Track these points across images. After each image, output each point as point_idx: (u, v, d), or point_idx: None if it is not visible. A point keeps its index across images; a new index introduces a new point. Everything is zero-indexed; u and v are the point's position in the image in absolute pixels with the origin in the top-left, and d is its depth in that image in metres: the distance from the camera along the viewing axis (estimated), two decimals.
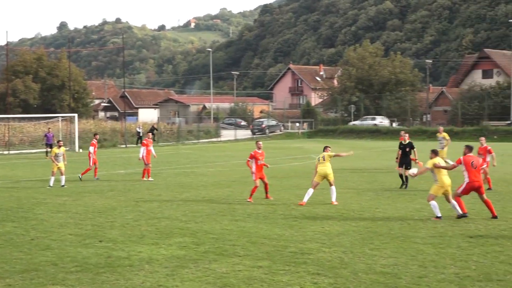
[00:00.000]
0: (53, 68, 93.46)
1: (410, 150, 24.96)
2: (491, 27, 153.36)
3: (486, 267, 11.72)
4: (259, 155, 20.93)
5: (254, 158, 20.91)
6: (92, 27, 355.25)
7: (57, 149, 26.74)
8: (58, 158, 26.33)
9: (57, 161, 26.23)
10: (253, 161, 20.86)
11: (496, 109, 75.39)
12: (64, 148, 27.62)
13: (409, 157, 24.88)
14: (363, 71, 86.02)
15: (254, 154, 20.91)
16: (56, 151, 26.56)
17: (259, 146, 21.15)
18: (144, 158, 28.50)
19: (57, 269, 11.84)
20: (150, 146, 29.02)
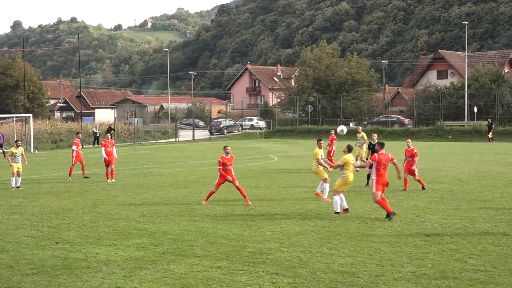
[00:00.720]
0: (7, 68, 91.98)
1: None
2: (445, 29, 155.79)
3: (442, 265, 11.90)
4: (227, 161, 20.18)
5: (223, 165, 20.13)
6: (47, 26, 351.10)
7: (15, 148, 26.18)
8: (16, 158, 25.82)
9: (14, 161, 25.71)
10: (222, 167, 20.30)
11: (451, 109, 76.45)
12: (22, 148, 26.91)
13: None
14: (320, 72, 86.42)
15: (222, 160, 20.14)
16: (13, 151, 26.03)
17: (227, 151, 20.25)
18: (104, 160, 28.14)
19: (12, 271, 11.67)
20: (109, 147, 28.39)
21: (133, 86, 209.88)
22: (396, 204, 19.80)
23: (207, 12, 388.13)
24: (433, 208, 18.66)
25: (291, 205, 19.89)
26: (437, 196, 21.51)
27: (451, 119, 74.07)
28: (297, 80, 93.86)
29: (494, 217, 17.32)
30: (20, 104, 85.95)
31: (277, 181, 27.09)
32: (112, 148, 28.42)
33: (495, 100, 71.06)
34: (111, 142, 28.89)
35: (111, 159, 28.05)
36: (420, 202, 20.14)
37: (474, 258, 12.45)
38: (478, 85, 76.09)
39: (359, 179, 25.79)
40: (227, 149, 20.42)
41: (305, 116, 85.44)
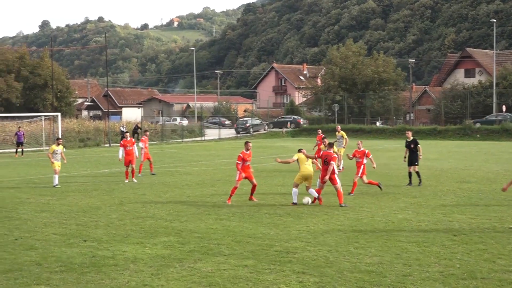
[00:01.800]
0: (35, 67, 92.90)
1: (415, 146, 25.02)
2: (473, 27, 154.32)
3: (470, 265, 11.80)
4: (247, 156, 20.41)
5: (242, 160, 20.33)
6: (75, 25, 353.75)
7: (56, 146, 26.07)
8: (56, 156, 25.74)
9: (54, 159, 25.63)
10: (242, 163, 20.36)
11: (479, 108, 75.80)
12: (62, 146, 26.80)
13: (416, 154, 24.93)
14: (347, 70, 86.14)
15: (242, 156, 20.31)
16: (54, 148, 25.90)
17: (248, 148, 20.49)
18: (122, 159, 27.69)
19: (41, 269, 11.79)
20: (129, 146, 27.85)
21: (160, 85, 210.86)
22: (424, 203, 19.67)
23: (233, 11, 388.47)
24: (461, 207, 18.51)
25: (318, 204, 19.83)
26: (465, 196, 21.33)
27: (479, 118, 73.38)
28: (323, 78, 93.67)
29: None
30: (48, 103, 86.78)
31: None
32: (132, 147, 27.93)
33: None
34: (131, 140, 28.35)
35: (131, 158, 27.64)
36: (448, 202, 19.98)
37: (503, 258, 12.33)
38: (506, 83, 75.35)
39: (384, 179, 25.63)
40: (249, 145, 20.68)
41: (331, 115, 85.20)
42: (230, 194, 20.51)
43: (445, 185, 24.19)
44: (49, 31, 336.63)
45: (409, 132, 25.96)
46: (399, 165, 33.94)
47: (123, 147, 27.85)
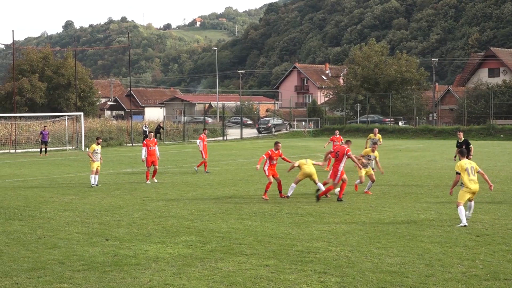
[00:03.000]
0: (59, 67, 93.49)
1: (467, 147, 24.94)
2: (497, 26, 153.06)
3: (493, 266, 11.70)
4: (275, 155, 21.33)
5: (269, 157, 21.18)
6: (98, 26, 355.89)
7: (96, 145, 25.94)
8: (97, 155, 25.66)
9: (95, 158, 25.55)
10: (267, 160, 21.16)
11: (503, 107, 75.21)
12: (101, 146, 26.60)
13: (468, 154, 24.79)
14: (369, 70, 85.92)
15: (270, 153, 21.24)
16: (94, 148, 25.78)
17: (277, 147, 21.39)
18: (145, 160, 27.18)
19: (64, 267, 11.87)
20: (152, 146, 27.36)
21: (182, 84, 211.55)
22: (446, 204, 19.54)
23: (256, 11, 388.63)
24: (484, 208, 18.37)
25: (339, 204, 19.81)
26: (488, 196, 21.15)
27: (503, 117, 72.80)
28: (345, 78, 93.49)
29: None
30: (72, 103, 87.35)
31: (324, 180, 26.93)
32: (155, 147, 27.46)
33: None
34: (154, 141, 27.75)
35: (154, 158, 27.18)
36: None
37: None
38: None
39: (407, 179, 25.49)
40: (278, 145, 21.52)
41: (353, 115, 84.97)
42: (266, 189, 21.20)
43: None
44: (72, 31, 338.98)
45: (461, 133, 26.10)
46: (421, 165, 33.80)
47: (145, 147, 27.37)
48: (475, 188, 15.93)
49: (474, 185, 15.88)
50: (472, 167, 16.00)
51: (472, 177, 15.90)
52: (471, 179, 15.88)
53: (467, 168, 15.95)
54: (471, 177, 15.88)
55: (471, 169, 15.97)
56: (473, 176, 15.91)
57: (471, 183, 15.85)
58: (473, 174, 15.93)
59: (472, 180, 15.86)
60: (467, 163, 16.12)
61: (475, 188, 15.94)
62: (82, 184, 26.62)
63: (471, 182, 15.86)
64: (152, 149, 27.29)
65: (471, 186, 15.85)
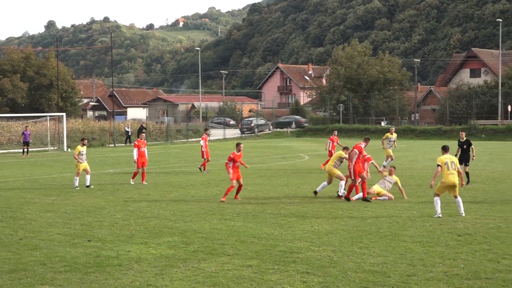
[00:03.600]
0: (41, 67, 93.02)
1: (468, 147, 25.25)
2: (478, 26, 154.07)
3: (475, 265, 11.78)
4: (237, 157, 20.90)
5: (232, 161, 20.80)
6: (80, 26, 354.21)
7: (81, 146, 25.59)
8: (82, 156, 25.33)
9: (81, 160, 25.24)
10: (231, 163, 20.78)
11: (484, 108, 75.71)
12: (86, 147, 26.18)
13: (468, 154, 25.23)
14: (352, 70, 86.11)
15: (233, 156, 20.81)
16: (80, 149, 25.42)
17: (239, 149, 21.06)
18: (136, 161, 26.73)
19: (45, 269, 11.80)
20: (142, 147, 27.04)
21: (165, 85, 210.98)
22: (428, 203, 19.64)
23: (239, 11, 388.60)
24: (465, 207, 18.46)
25: (322, 204, 19.85)
26: (470, 196, 21.30)
27: (484, 118, 73.28)
28: (328, 79, 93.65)
29: None
30: (54, 103, 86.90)
31: (307, 180, 27.04)
32: (145, 148, 27.19)
33: None
34: (144, 142, 27.50)
35: (144, 160, 26.90)
36: (452, 202, 19.94)
37: (507, 258, 12.30)
38: None
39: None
40: (240, 146, 21.23)
41: (336, 115, 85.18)
42: (226, 192, 20.83)
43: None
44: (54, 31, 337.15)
45: (463, 133, 26.45)
46: (403, 165, 33.95)
47: (137, 148, 26.94)
48: (452, 181, 16.77)
49: (452, 178, 16.75)
50: (452, 162, 16.90)
51: (452, 171, 16.74)
52: (450, 173, 16.78)
53: (446, 162, 16.86)
54: (450, 171, 16.81)
55: (451, 164, 16.89)
56: (453, 170, 16.75)
57: (449, 176, 16.75)
58: (453, 168, 16.78)
59: (450, 173, 16.79)
60: (447, 157, 17.08)
61: (453, 181, 16.77)
62: (64, 185, 26.50)
63: (449, 175, 16.76)
64: (143, 150, 26.97)
65: (449, 179, 16.74)
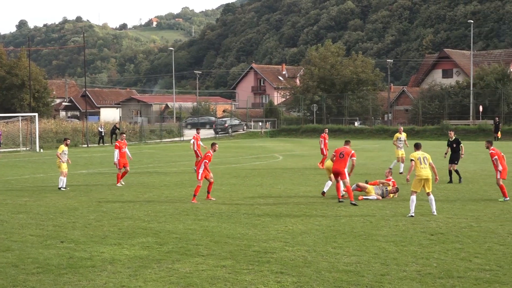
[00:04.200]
0: (12, 67, 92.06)
1: (457, 146, 25.58)
2: (450, 27, 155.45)
3: (447, 264, 11.88)
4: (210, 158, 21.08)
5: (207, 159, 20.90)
6: (53, 25, 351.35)
7: (64, 146, 25.15)
8: (65, 156, 24.81)
9: (63, 159, 24.68)
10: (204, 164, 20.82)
11: (456, 108, 76.39)
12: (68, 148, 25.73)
13: (458, 153, 25.55)
14: (325, 71, 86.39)
15: (211, 155, 21.02)
16: (63, 148, 24.95)
17: (215, 149, 21.31)
18: (117, 163, 26.31)
19: (18, 270, 11.70)
20: (124, 148, 26.65)
21: (138, 85, 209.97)
22: (401, 203, 19.79)
23: (212, 11, 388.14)
24: (438, 207, 18.62)
25: (296, 204, 19.89)
26: (442, 195, 21.48)
27: (457, 118, 73.96)
28: (302, 79, 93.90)
29: (499, 216, 17.31)
30: (26, 103, 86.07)
31: (282, 180, 27.09)
32: (126, 149, 26.78)
33: (501, 99, 70.97)
34: (125, 142, 27.10)
35: (126, 161, 26.52)
36: (425, 201, 20.11)
37: (479, 257, 12.43)
38: (483, 84, 76.02)
39: (363, 179, 25.72)
40: (216, 147, 21.49)
41: (310, 115, 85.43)
42: (195, 193, 20.79)
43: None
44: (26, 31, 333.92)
45: (452, 132, 26.96)
46: (377, 165, 34.16)
47: (118, 149, 26.47)
48: (425, 175, 17.50)
49: (425, 171, 17.51)
50: (424, 157, 17.74)
51: (424, 165, 17.61)
52: (422, 167, 17.56)
53: (419, 158, 17.67)
54: (422, 165, 17.58)
55: (423, 159, 17.69)
56: (425, 165, 17.56)
57: (422, 170, 17.52)
58: (424, 163, 17.63)
59: (423, 168, 17.57)
60: (419, 153, 17.87)
61: (426, 175, 17.51)
62: (36, 186, 26.27)
63: (422, 169, 17.54)
64: (124, 151, 26.59)
65: (422, 172, 17.49)
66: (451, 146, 25.95)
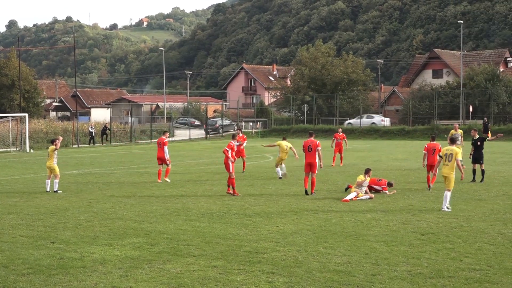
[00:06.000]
0: (2, 67, 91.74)
1: (481, 144, 25.82)
2: (440, 28, 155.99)
3: (438, 264, 11.91)
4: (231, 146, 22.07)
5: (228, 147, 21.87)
6: (43, 25, 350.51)
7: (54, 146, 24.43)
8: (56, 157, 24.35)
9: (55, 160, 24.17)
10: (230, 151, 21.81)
11: (446, 108, 76.59)
12: None
13: (482, 152, 25.82)
14: (316, 71, 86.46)
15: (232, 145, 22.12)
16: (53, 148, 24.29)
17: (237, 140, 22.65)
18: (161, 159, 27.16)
19: (8, 271, 11.65)
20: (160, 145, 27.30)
21: (129, 85, 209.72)
22: (392, 203, 19.83)
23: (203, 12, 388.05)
24: (428, 207, 18.67)
25: (287, 204, 19.89)
26: (432, 195, 21.54)
27: (447, 118, 74.18)
28: (293, 79, 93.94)
29: (489, 216, 17.36)
30: (16, 104, 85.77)
31: (272, 180, 27.10)
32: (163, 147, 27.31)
33: (491, 99, 71.21)
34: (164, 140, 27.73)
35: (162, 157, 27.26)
36: (416, 202, 20.17)
37: (469, 257, 12.47)
38: (473, 84, 76.25)
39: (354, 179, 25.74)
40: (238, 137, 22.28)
41: (301, 115, 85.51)
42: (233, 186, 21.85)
43: (413, 185, 24.43)
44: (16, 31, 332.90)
45: (475, 131, 26.96)
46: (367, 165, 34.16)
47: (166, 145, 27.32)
48: (444, 172, 18.21)
49: (444, 169, 18.24)
50: (450, 153, 18.26)
51: (447, 162, 18.22)
52: (444, 164, 18.27)
53: (446, 154, 18.38)
54: (445, 162, 18.26)
55: (449, 156, 18.24)
56: (448, 162, 18.09)
57: (442, 168, 18.39)
58: (448, 160, 18.23)
59: (444, 165, 18.27)
60: (448, 149, 18.45)
61: (444, 173, 18.19)
62: (26, 186, 26.19)
63: (443, 167, 18.32)
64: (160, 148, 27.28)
65: (442, 170, 18.38)
66: (475, 145, 26.27)
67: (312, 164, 21.56)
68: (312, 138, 22.16)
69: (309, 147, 21.69)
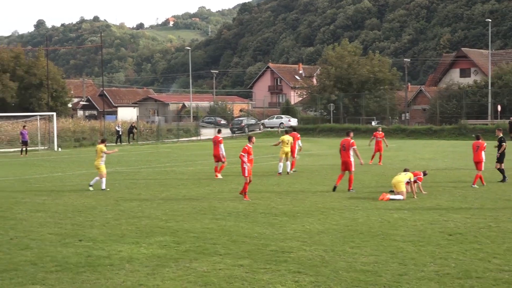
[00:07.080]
0: (30, 67, 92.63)
1: (499, 144, 26.53)
2: (468, 26, 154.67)
3: (465, 264, 11.81)
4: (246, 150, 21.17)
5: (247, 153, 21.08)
6: (70, 25, 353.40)
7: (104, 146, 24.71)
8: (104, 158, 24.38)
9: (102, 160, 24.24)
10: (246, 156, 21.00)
11: (474, 107, 75.90)
12: None
13: (504, 152, 26.41)
14: (342, 70, 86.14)
15: (247, 148, 21.09)
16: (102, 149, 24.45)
17: (253, 142, 21.48)
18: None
19: (36, 268, 11.77)
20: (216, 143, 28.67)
21: (155, 84, 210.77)
22: (419, 203, 19.70)
23: (229, 11, 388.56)
24: (456, 207, 18.53)
25: (313, 203, 19.85)
26: (460, 195, 21.37)
27: (474, 117, 73.49)
28: (319, 78, 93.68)
29: None
30: (44, 103, 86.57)
31: (299, 180, 27.05)
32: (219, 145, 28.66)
33: None
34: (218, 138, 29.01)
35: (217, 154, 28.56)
36: (443, 201, 20.02)
37: (498, 257, 12.35)
38: (501, 83, 75.49)
39: (380, 179, 25.63)
40: (253, 139, 21.76)
41: (326, 115, 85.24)
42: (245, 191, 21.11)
43: (441, 185, 24.25)
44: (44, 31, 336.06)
45: (499, 130, 27.00)
46: (394, 164, 34.01)
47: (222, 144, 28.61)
48: None
49: None
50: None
51: None
52: None
53: None
54: None
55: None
56: None
57: None
58: None
59: None
60: None
61: None
62: (54, 184, 26.42)
63: None
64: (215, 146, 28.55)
65: None
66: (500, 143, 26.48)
67: (347, 163, 22.04)
68: (349, 137, 22.52)
69: (343, 146, 22.22)
